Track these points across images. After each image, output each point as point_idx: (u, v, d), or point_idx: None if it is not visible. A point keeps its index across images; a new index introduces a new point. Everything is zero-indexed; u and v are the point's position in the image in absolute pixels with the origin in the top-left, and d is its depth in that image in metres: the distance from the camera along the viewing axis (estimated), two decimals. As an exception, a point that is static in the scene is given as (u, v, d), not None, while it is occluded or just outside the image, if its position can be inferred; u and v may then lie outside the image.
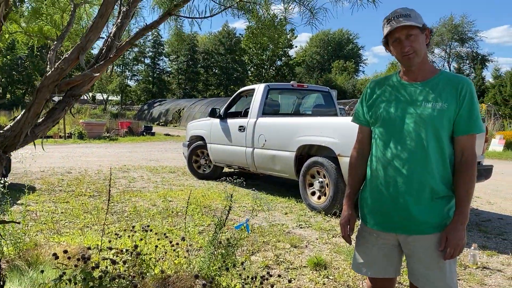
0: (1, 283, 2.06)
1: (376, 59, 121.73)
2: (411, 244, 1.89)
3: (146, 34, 2.44)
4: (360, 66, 66.35)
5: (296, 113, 8.26)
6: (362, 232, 2.07)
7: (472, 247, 3.91)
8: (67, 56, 1.88)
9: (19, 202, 5.73)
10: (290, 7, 2.51)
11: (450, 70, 51.46)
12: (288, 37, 52.41)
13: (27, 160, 6.87)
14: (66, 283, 2.23)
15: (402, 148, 1.86)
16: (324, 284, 3.40)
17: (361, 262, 2.05)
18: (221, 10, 2.26)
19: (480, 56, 51.33)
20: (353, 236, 2.14)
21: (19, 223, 2.45)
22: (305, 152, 6.23)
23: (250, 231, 4.52)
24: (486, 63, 51.05)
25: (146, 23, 2.46)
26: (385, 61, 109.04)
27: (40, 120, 2.05)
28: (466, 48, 52.20)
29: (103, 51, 2.33)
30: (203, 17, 2.28)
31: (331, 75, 55.66)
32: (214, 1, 2.26)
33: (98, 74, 2.12)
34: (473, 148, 1.86)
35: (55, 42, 2.66)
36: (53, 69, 1.86)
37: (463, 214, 1.81)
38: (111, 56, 2.27)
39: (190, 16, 2.29)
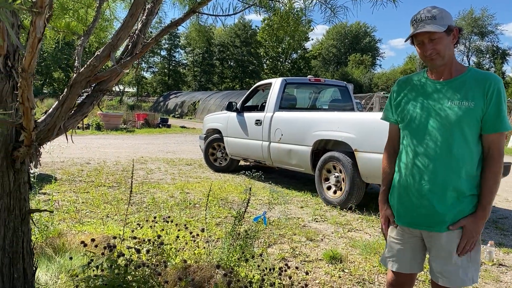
0: (34, 269, 2.17)
1: (393, 53, 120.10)
2: (433, 240, 1.93)
3: (170, 31, 2.50)
4: (377, 59, 65.57)
5: (313, 107, 8.28)
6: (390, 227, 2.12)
7: (489, 244, 3.92)
8: (99, 53, 1.96)
9: (42, 191, 5.90)
10: (310, 4, 2.55)
11: (469, 64, 50.59)
12: (305, 29, 52.08)
13: (55, 151, 7.07)
14: (94, 270, 2.33)
15: (428, 147, 1.88)
16: (339, 277, 3.45)
17: (388, 256, 2.11)
18: (244, 8, 2.31)
19: (500, 50, 50.30)
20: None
21: (52, 212, 2.57)
22: (321, 147, 6.27)
23: (267, 224, 4.60)
24: (507, 57, 50.06)
25: (167, 20, 2.53)
26: (402, 55, 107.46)
27: (70, 113, 2.15)
28: (486, 42, 51.29)
29: (129, 47, 2.41)
30: (227, 15, 2.34)
31: (347, 69, 55.19)
32: (238, -1, 2.31)
33: (126, 69, 2.20)
34: (500, 145, 1.85)
35: (82, 38, 2.75)
36: (85, 65, 1.94)
37: (484, 210, 1.83)
38: (137, 52, 2.34)
39: (214, 14, 2.34)
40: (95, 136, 16.04)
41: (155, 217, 3.47)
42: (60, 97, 2.02)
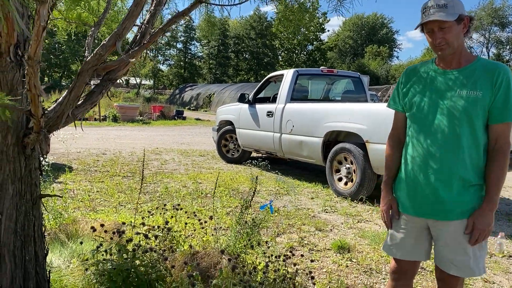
0: (45, 252, 2.25)
1: (411, 44, 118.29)
2: (439, 229, 1.93)
3: (178, 21, 2.54)
4: (394, 51, 64.54)
5: (326, 99, 8.24)
6: (394, 215, 2.13)
7: (499, 236, 3.89)
8: (105, 42, 2.01)
9: (57, 180, 6.05)
10: (317, -6, 2.56)
11: (488, 56, 49.54)
12: (320, 21, 51.60)
13: (68, 141, 7.24)
14: (103, 254, 2.41)
15: (435, 137, 1.88)
16: (347, 266, 3.48)
17: (391, 244, 2.12)
18: (249, -2, 2.34)
19: (522, 41, 49.03)
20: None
21: (61, 196, 2.66)
22: (332, 138, 6.26)
23: (273, 212, 4.64)
24: (528, 49, 48.76)
25: (177, 10, 2.57)
26: (420, 46, 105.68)
27: (79, 102, 2.21)
28: (507, 33, 50.00)
29: (137, 38, 2.46)
30: (232, 4, 2.36)
31: (364, 60, 54.50)
32: (243, -11, 2.33)
33: (133, 59, 2.25)
34: (507, 136, 1.84)
35: (93, 28, 2.81)
36: (92, 54, 1.99)
37: (492, 201, 1.83)
38: (145, 42, 2.39)
39: (220, 3, 2.37)
40: (111, 128, 16.27)
41: (165, 205, 3.54)
42: (70, 86, 2.08)
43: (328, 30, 63.31)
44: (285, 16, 2.36)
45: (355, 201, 5.65)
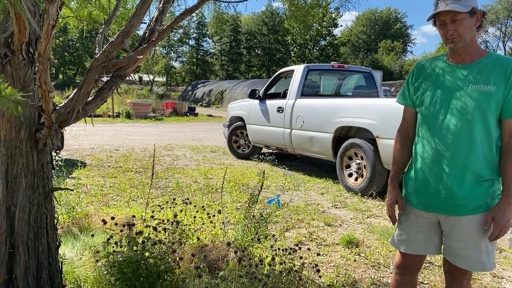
0: (57, 244, 2.33)
1: (425, 39, 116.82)
2: (450, 223, 1.93)
3: (185, 18, 2.58)
4: (408, 46, 63.76)
5: (336, 94, 8.22)
6: (404, 210, 2.12)
7: (509, 231, 3.86)
8: (113, 40, 2.06)
9: (71, 176, 6.17)
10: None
11: (505, 50, 48.62)
12: (333, 15, 51.22)
13: (80, 137, 7.36)
14: (113, 246, 2.47)
15: (448, 130, 1.87)
16: (355, 261, 3.50)
17: (400, 239, 2.12)
18: (255, -6, 2.36)
19: (540, 35, 48.01)
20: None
21: (72, 190, 2.73)
22: (343, 134, 6.25)
23: (282, 206, 4.68)
24: (546, 43, 47.73)
25: (186, 7, 2.61)
26: (434, 41, 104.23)
27: (90, 98, 2.27)
28: (525, 26, 48.98)
29: (146, 35, 2.51)
30: (238, 1, 2.39)
31: (377, 56, 53.95)
32: (249, -15, 2.36)
33: (142, 56, 2.30)
34: None
35: (103, 26, 2.87)
36: (101, 51, 2.05)
37: (510, 196, 1.81)
38: (153, 39, 2.43)
39: (226, 0, 2.40)
40: (125, 124, 16.46)
41: (174, 199, 3.60)
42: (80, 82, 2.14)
43: (341, 25, 62.94)
44: (291, 12, 2.38)
45: (365, 196, 5.65)
